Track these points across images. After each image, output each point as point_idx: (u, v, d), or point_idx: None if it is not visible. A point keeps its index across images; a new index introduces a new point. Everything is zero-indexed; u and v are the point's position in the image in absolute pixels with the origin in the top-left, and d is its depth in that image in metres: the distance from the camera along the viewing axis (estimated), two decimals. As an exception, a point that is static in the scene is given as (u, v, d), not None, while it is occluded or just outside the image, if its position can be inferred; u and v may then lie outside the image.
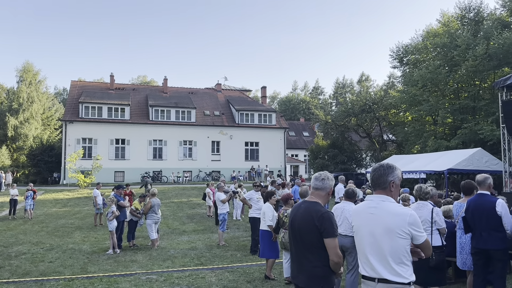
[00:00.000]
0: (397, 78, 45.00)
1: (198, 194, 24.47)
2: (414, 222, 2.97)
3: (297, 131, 54.95)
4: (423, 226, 5.56)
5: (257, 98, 60.57)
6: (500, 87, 15.21)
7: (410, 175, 20.47)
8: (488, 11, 28.99)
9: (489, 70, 25.05)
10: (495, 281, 5.32)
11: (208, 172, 37.65)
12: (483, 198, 5.37)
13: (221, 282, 7.70)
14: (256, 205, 10.47)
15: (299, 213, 3.61)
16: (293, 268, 3.69)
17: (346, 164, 36.41)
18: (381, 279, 2.97)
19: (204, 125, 38.64)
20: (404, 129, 31.73)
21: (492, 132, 20.78)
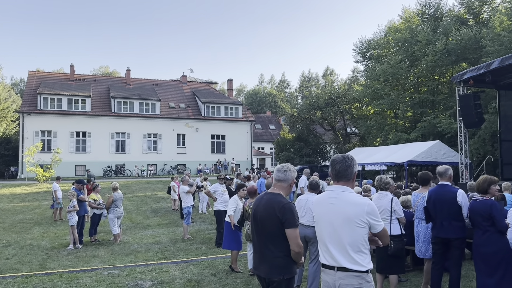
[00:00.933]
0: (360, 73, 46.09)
1: (163, 187, 24.15)
2: (372, 211, 3.05)
3: (264, 124, 55.19)
4: (383, 215, 5.75)
5: (224, 91, 60.27)
6: (457, 81, 15.80)
7: (372, 167, 21.04)
8: (447, 8, 30.09)
9: (447, 65, 26.05)
10: (451, 268, 5.54)
11: (173, 165, 37.20)
12: (444, 188, 5.55)
13: (185, 275, 7.65)
14: (220, 197, 10.45)
15: (261, 205, 3.64)
16: (255, 258, 3.72)
17: (311, 157, 36.95)
18: (340, 267, 3.03)
19: (169, 118, 38.08)
20: (366, 122, 32.54)
21: (450, 125, 21.65)
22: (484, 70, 14.39)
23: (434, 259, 5.74)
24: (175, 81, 45.19)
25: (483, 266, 4.95)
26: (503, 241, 4.91)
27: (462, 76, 15.44)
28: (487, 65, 14.48)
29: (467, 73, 15.27)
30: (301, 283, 6.53)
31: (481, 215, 4.90)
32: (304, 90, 78.11)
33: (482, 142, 21.06)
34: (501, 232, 4.89)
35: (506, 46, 20.58)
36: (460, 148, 16.15)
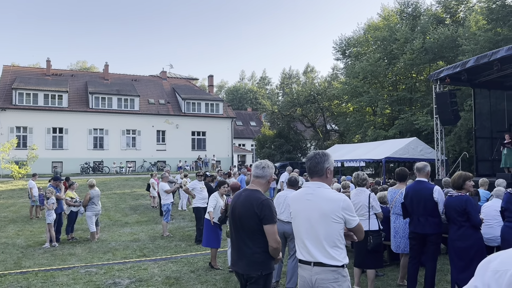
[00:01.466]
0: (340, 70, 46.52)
1: (142, 184, 23.88)
2: (347, 207, 3.09)
3: (245, 120, 55.14)
4: (361, 211, 5.83)
5: (204, 87, 59.91)
6: (434, 79, 16.07)
7: (351, 163, 21.27)
8: (425, 7, 30.61)
9: (425, 63, 26.53)
10: (427, 262, 5.66)
11: (153, 162, 36.81)
12: (421, 185, 5.66)
13: (164, 273, 7.59)
14: (199, 194, 10.41)
15: (240, 201, 3.65)
16: (233, 255, 3.73)
17: (291, 153, 37.13)
18: (316, 262, 3.07)
19: (148, 114, 37.62)
20: (346, 120, 32.90)
21: (427, 123, 22.07)
22: (460, 68, 14.67)
23: (411, 254, 5.85)
24: (154, 77, 44.64)
25: (457, 260, 5.08)
26: (477, 236, 5.04)
27: (439, 74, 15.71)
28: (463, 63, 14.76)
29: (444, 71, 15.54)
30: (280, 279, 6.56)
31: (456, 210, 5.02)
32: (285, 87, 78.37)
33: (458, 139, 21.55)
34: (475, 227, 5.02)
35: (482, 45, 21.08)
36: (437, 145, 16.47)
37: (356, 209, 5.86)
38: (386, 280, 6.74)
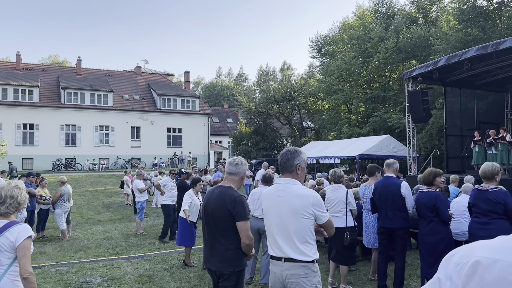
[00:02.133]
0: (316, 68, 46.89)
1: (115, 182, 23.49)
2: (317, 203, 3.12)
3: (221, 117, 54.92)
4: (338, 207, 5.90)
5: (180, 83, 59.33)
6: (407, 78, 16.41)
7: (326, 160, 21.51)
8: (399, 7, 31.18)
9: (398, 62, 27.03)
10: (396, 257, 5.79)
11: (127, 159, 36.24)
12: (389, 180, 5.78)
13: (137, 271, 7.49)
14: (169, 192, 10.34)
15: (213, 198, 3.64)
16: (205, 252, 3.72)
17: (268, 150, 37.24)
18: (287, 258, 3.10)
19: (122, 110, 36.98)
20: (321, 117, 33.23)
21: (400, 120, 22.53)
22: (431, 67, 15.02)
23: (380, 248, 5.97)
24: (129, 72, 43.91)
25: (427, 255, 5.20)
26: (446, 231, 5.18)
27: (411, 73, 16.04)
28: (434, 62, 15.12)
29: (416, 70, 15.88)
30: (254, 275, 6.58)
31: (426, 206, 5.14)
32: (261, 84, 78.45)
33: (429, 136, 22.10)
34: (445, 222, 5.16)
35: (453, 44, 21.63)
36: (409, 142, 16.83)
37: (333, 205, 5.93)
38: (358, 275, 6.85)
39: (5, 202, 2.96)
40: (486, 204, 4.52)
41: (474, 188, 4.86)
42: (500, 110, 18.39)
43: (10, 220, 2.96)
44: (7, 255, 2.87)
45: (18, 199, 3.01)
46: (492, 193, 4.51)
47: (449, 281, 1.25)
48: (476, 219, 4.69)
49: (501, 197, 4.41)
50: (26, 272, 2.85)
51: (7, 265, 2.86)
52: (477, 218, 4.67)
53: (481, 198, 4.61)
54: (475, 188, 4.82)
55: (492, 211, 4.48)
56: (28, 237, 2.93)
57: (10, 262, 2.88)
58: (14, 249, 2.87)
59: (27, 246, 2.92)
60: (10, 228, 2.90)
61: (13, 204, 2.99)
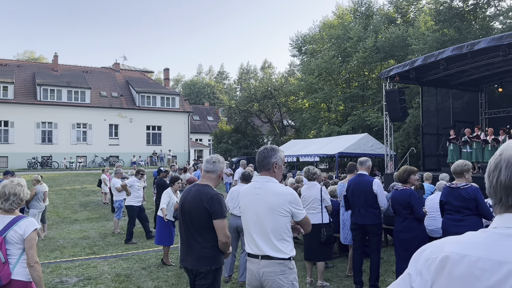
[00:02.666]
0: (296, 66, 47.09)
1: (93, 180, 23.09)
2: (294, 200, 3.14)
3: (202, 115, 54.61)
4: (313, 204, 5.94)
5: (160, 81, 58.69)
6: (384, 77, 16.65)
7: (306, 158, 21.66)
8: (378, 7, 31.59)
9: (376, 62, 27.40)
10: (371, 253, 5.88)
11: (105, 157, 35.66)
12: (362, 178, 5.88)
13: (114, 270, 7.39)
14: (135, 193, 10.19)
15: (190, 196, 3.61)
16: (182, 251, 3.69)
17: (248, 149, 37.26)
18: (264, 255, 3.11)
19: (100, 107, 36.34)
20: (302, 115, 33.44)
21: (378, 119, 22.87)
22: (408, 67, 15.28)
23: (354, 245, 6.07)
24: (107, 69, 43.16)
25: (402, 251, 5.29)
26: (420, 228, 5.28)
27: (389, 72, 16.29)
28: (411, 62, 15.39)
29: (394, 70, 16.13)
30: (232, 273, 6.57)
31: (401, 203, 5.23)
32: (242, 82, 78.30)
33: (406, 135, 22.51)
34: (419, 219, 5.26)
35: (430, 45, 22.06)
36: (386, 141, 17.08)
37: (308, 202, 5.97)
38: (335, 272, 6.93)
39: (9, 199, 3.24)
40: (458, 201, 4.63)
41: (446, 185, 4.97)
42: (475, 109, 18.87)
43: (16, 215, 3.27)
44: (17, 246, 3.19)
45: (21, 196, 3.30)
46: (464, 190, 4.62)
47: (419, 276, 1.27)
48: (449, 216, 4.80)
49: (472, 194, 4.52)
50: (33, 261, 3.19)
51: (18, 255, 3.20)
52: (450, 215, 4.78)
53: (453, 195, 4.71)
54: (447, 185, 4.93)
55: (464, 208, 4.58)
56: (34, 229, 3.26)
57: (20, 252, 3.21)
58: (22, 241, 3.19)
59: (34, 238, 3.25)
60: (18, 222, 3.22)
61: (16, 201, 3.28)
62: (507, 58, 13.24)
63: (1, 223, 3.20)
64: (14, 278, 3.15)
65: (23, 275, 3.20)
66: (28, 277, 3.22)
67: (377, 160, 21.69)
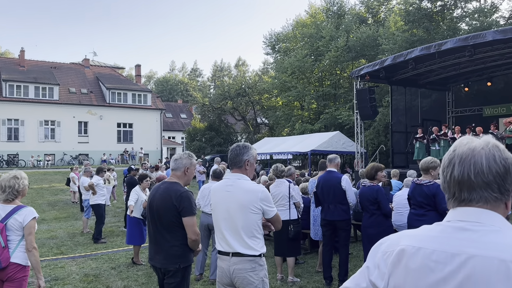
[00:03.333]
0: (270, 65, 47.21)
1: (61, 179, 22.51)
2: (265, 198, 3.16)
3: (175, 112, 54.01)
4: (282, 201, 5.99)
5: (131, 77, 57.67)
6: (355, 76, 16.93)
7: (279, 156, 21.81)
8: (349, 6, 32.04)
9: (348, 61, 27.81)
10: (340, 248, 5.99)
11: (74, 155, 34.79)
12: (331, 174, 5.98)
13: (82, 270, 7.23)
14: (101, 191, 10.05)
15: (158, 194, 3.58)
16: (150, 249, 3.66)
17: (222, 146, 37.09)
18: (234, 253, 3.11)
19: (69, 104, 35.41)
20: (275, 113, 33.59)
21: (349, 117, 23.24)
22: (378, 66, 15.59)
23: (323, 240, 6.17)
24: (76, 65, 42.07)
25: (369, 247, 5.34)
26: (387, 223, 5.41)
27: (360, 71, 16.57)
28: (381, 62, 15.70)
29: (364, 69, 16.42)
30: (203, 271, 6.54)
31: (368, 199, 5.35)
32: (216, 79, 77.91)
33: (376, 133, 22.97)
34: (386, 215, 5.39)
35: (399, 44, 22.55)
36: (357, 139, 17.38)
37: (277, 200, 6.01)
38: (306, 267, 7.01)
39: (5, 191, 3.57)
40: (421, 197, 4.78)
41: (412, 181, 5.12)
42: (443, 108, 19.44)
43: (17, 205, 3.59)
44: (17, 233, 3.54)
45: (16, 187, 3.59)
46: (426, 186, 4.77)
47: (377, 269, 1.30)
48: (413, 211, 4.95)
49: (433, 190, 4.67)
50: (31, 247, 3.54)
51: (17, 241, 3.54)
52: (414, 210, 4.93)
53: (417, 191, 4.86)
54: (413, 181, 5.08)
55: (426, 203, 4.74)
56: (33, 218, 3.59)
57: (19, 239, 3.55)
58: (22, 228, 3.54)
59: (33, 226, 3.58)
60: (18, 211, 3.56)
61: (12, 192, 3.58)
62: (472, 58, 13.70)
63: (3, 211, 3.54)
64: (13, 262, 3.48)
65: (21, 259, 3.54)
66: (26, 261, 3.55)
67: (348, 157, 22.07)
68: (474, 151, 1.21)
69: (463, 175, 1.21)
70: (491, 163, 1.19)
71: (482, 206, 1.20)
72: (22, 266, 3.54)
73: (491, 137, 1.26)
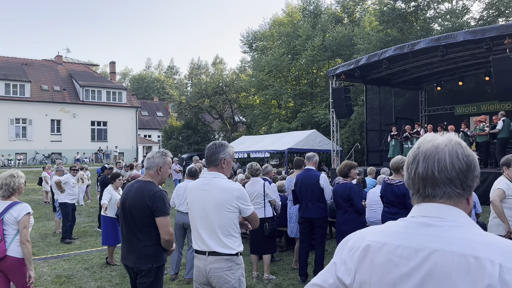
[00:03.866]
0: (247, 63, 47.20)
1: (33, 178, 21.88)
2: (241, 196, 3.14)
3: (151, 110, 53.33)
4: (257, 199, 6.00)
5: (106, 74, 56.62)
6: (331, 75, 17.13)
7: (257, 154, 21.84)
8: (325, 6, 32.34)
9: (324, 60, 28.08)
10: (316, 245, 6.05)
11: (46, 154, 33.92)
12: (309, 172, 6.02)
13: (54, 271, 7.06)
14: (70, 190, 9.85)
15: (131, 193, 3.53)
16: (123, 248, 3.62)
17: (199, 145, 36.87)
18: (211, 252, 3.10)
19: (41, 101, 34.46)
20: (253, 112, 33.60)
21: (325, 116, 23.47)
22: (353, 66, 15.81)
23: (301, 238, 6.21)
24: (48, 61, 40.96)
25: (343, 243, 5.48)
26: (360, 220, 5.50)
27: (335, 70, 16.77)
28: (356, 61, 15.92)
29: (340, 68, 16.62)
30: (179, 271, 6.49)
31: (342, 196, 5.42)
32: (193, 77, 77.29)
33: (352, 131, 23.28)
34: (359, 212, 5.47)
35: (374, 44, 22.91)
36: (333, 137, 17.59)
37: (252, 198, 6.02)
38: (281, 265, 7.05)
39: (2, 188, 3.89)
40: (392, 196, 4.88)
41: (383, 181, 5.21)
42: (415, 106, 19.89)
43: (13, 201, 3.92)
44: (12, 227, 3.85)
45: (11, 185, 3.90)
46: (396, 186, 4.87)
47: (343, 265, 1.32)
48: (387, 209, 5.04)
49: (402, 190, 4.77)
50: (25, 239, 3.83)
51: (13, 235, 3.85)
52: (387, 208, 5.02)
53: (388, 190, 4.96)
54: (384, 181, 5.17)
55: (398, 203, 4.84)
56: (27, 213, 3.91)
57: (15, 232, 3.85)
58: (17, 222, 3.85)
59: (27, 220, 3.90)
60: (14, 206, 3.88)
61: (8, 189, 3.90)
62: (444, 58, 14.05)
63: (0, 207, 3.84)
64: (9, 255, 3.78)
65: (16, 252, 3.83)
66: (21, 254, 3.83)
67: (324, 155, 22.29)
68: (438, 148, 1.23)
69: (427, 171, 1.23)
70: (454, 160, 1.21)
71: (445, 202, 1.23)
72: (17, 259, 3.85)
73: (453, 134, 1.29)
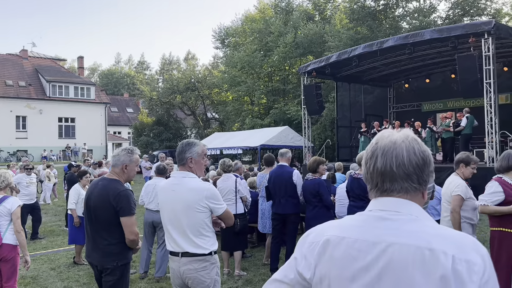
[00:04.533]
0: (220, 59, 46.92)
1: (-3, 176, 21.13)
2: (211, 195, 3.10)
3: (120, 107, 52.31)
4: (228, 195, 5.99)
5: (74, 69, 55.10)
6: (303, 72, 17.26)
7: (229, 151, 21.78)
8: (297, 3, 32.52)
9: (296, 57, 28.25)
10: (288, 241, 6.09)
11: (11, 151, 32.74)
12: (283, 169, 6.06)
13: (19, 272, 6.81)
14: (24, 190, 9.48)
15: (96, 191, 3.44)
16: (87, 246, 3.55)
17: (171, 142, 36.42)
18: (184, 252, 3.06)
19: (5, 97, 33.19)
20: (225, 108, 33.49)
21: (297, 112, 23.66)
22: (324, 63, 15.98)
23: (273, 233, 6.25)
24: (13, 56, 39.45)
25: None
26: (329, 215, 5.58)
27: (307, 67, 16.90)
28: (327, 58, 16.11)
29: (311, 65, 16.77)
30: (148, 269, 6.41)
31: (311, 192, 5.48)
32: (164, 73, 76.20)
33: (323, 128, 23.56)
34: (327, 207, 5.55)
35: (344, 42, 23.21)
36: (304, 133, 17.75)
37: (223, 194, 6.01)
38: (253, 261, 7.08)
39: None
40: (359, 190, 4.96)
41: (350, 175, 5.30)
42: (384, 103, 20.31)
43: (3, 195, 4.38)
44: (6, 218, 4.31)
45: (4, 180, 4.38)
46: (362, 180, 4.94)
47: (304, 260, 1.32)
48: (353, 203, 5.13)
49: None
50: (19, 229, 4.33)
51: (6, 225, 4.31)
52: (353, 202, 5.11)
53: (355, 184, 5.05)
54: (350, 175, 5.26)
55: (364, 196, 4.92)
56: (18, 205, 4.39)
57: (8, 223, 4.31)
58: (10, 214, 4.31)
59: (19, 212, 4.37)
60: (6, 199, 4.35)
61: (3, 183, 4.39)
62: (412, 56, 14.41)
63: None
64: (5, 242, 4.25)
65: (11, 240, 4.31)
66: (15, 241, 4.32)
67: (297, 151, 22.46)
68: (396, 144, 1.26)
69: (386, 166, 1.25)
70: (411, 155, 1.24)
71: (402, 196, 1.25)
72: (12, 246, 4.33)
73: (409, 130, 1.32)
